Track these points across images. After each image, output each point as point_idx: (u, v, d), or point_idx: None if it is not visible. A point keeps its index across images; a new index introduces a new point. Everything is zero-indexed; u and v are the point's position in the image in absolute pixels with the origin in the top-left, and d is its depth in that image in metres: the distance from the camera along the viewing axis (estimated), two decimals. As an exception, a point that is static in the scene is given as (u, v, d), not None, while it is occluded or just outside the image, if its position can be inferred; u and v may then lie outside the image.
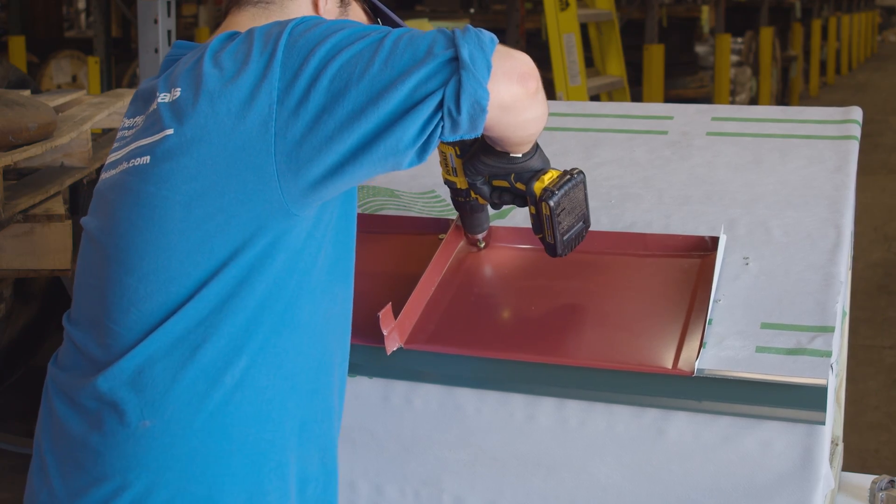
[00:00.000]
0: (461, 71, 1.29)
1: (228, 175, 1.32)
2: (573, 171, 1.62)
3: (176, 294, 1.35)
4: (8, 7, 7.69)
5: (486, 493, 1.64)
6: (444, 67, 1.30)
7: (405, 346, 1.64)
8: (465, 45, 1.31)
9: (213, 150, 1.33)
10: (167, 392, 1.34)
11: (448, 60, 1.30)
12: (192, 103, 1.34)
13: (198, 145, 1.33)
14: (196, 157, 1.33)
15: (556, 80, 5.83)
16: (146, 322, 1.36)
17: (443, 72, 1.30)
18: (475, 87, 1.30)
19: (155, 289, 1.35)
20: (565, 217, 1.62)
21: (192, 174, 1.33)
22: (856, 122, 2.09)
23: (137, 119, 1.46)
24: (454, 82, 1.30)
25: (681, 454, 1.53)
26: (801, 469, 1.48)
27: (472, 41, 1.32)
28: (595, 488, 1.57)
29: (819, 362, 1.51)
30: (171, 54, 1.51)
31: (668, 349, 1.58)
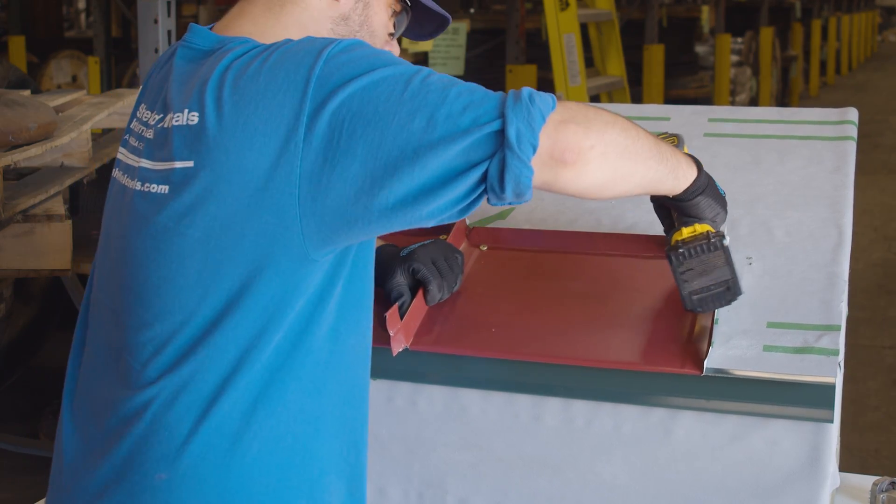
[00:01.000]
0: (506, 150, 1.23)
1: (249, 216, 1.27)
2: (715, 235, 1.54)
3: (190, 336, 1.31)
4: (8, 7, 7.69)
5: (491, 495, 1.64)
6: (488, 140, 1.24)
7: (411, 348, 1.64)
8: (513, 120, 1.24)
9: (235, 189, 1.27)
10: (183, 444, 1.30)
11: (494, 133, 1.24)
12: (214, 136, 1.28)
13: (219, 183, 1.27)
14: (217, 195, 1.28)
15: (556, 81, 5.83)
16: (162, 363, 1.32)
17: (487, 145, 1.24)
18: (519, 167, 1.23)
19: (171, 328, 1.31)
20: (694, 277, 1.56)
21: (212, 212, 1.28)
22: (852, 122, 2.10)
23: (154, 117, 1.38)
24: (498, 160, 1.24)
25: (688, 454, 1.53)
26: (808, 467, 1.48)
27: (521, 116, 1.24)
28: (602, 489, 1.57)
29: (826, 361, 1.51)
30: (187, 41, 1.42)
31: (676, 349, 1.58)
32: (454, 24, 5.93)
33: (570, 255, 1.83)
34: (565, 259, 1.83)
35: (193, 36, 1.42)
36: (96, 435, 1.36)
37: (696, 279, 1.56)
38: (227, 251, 1.28)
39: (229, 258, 1.28)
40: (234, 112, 1.27)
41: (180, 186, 1.30)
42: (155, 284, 1.32)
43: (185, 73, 1.37)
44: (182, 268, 1.30)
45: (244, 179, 1.26)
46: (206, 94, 1.30)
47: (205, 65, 1.35)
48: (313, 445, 1.36)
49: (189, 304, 1.30)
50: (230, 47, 1.35)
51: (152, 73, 1.48)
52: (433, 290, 1.65)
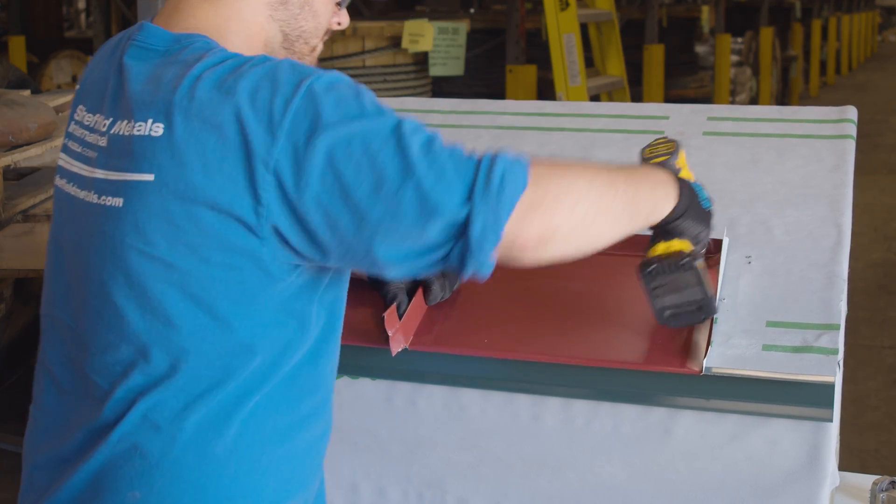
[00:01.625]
0: (468, 244, 1.22)
1: (211, 237, 1.23)
2: (688, 255, 1.52)
3: (160, 363, 1.27)
4: (8, 7, 7.69)
5: (490, 495, 1.64)
6: (451, 228, 1.22)
7: (410, 348, 1.64)
8: (479, 212, 1.21)
9: (200, 210, 1.23)
10: (157, 462, 1.27)
11: (458, 224, 1.22)
12: (178, 150, 1.23)
13: (182, 202, 1.22)
14: (180, 214, 1.23)
15: (556, 80, 5.83)
16: (132, 384, 1.28)
17: (449, 232, 1.22)
18: (480, 262, 1.23)
19: (139, 351, 1.27)
20: (665, 294, 1.54)
21: (174, 234, 1.23)
22: (851, 121, 2.10)
23: (103, 122, 1.32)
24: (459, 250, 1.23)
25: (688, 453, 1.53)
26: (808, 467, 1.48)
27: (488, 207, 1.21)
28: (601, 488, 1.57)
29: (826, 360, 1.51)
30: (139, 40, 1.34)
31: (675, 348, 1.58)
32: (454, 24, 5.92)
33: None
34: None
35: (146, 35, 1.35)
36: (64, 453, 1.33)
37: (667, 295, 1.54)
38: (194, 276, 1.24)
39: (198, 282, 1.25)
40: (198, 128, 1.23)
41: (138, 201, 1.25)
42: (119, 305, 1.27)
43: (142, 75, 1.30)
44: (145, 289, 1.25)
45: (208, 202, 1.22)
46: (173, 104, 1.24)
47: (166, 68, 1.29)
48: (286, 467, 1.34)
49: (157, 326, 1.26)
50: (194, 50, 1.30)
51: (89, 73, 1.42)
52: (435, 289, 1.65)
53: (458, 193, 1.22)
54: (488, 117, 2.30)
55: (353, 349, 1.64)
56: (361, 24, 5.73)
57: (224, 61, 1.27)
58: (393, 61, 5.79)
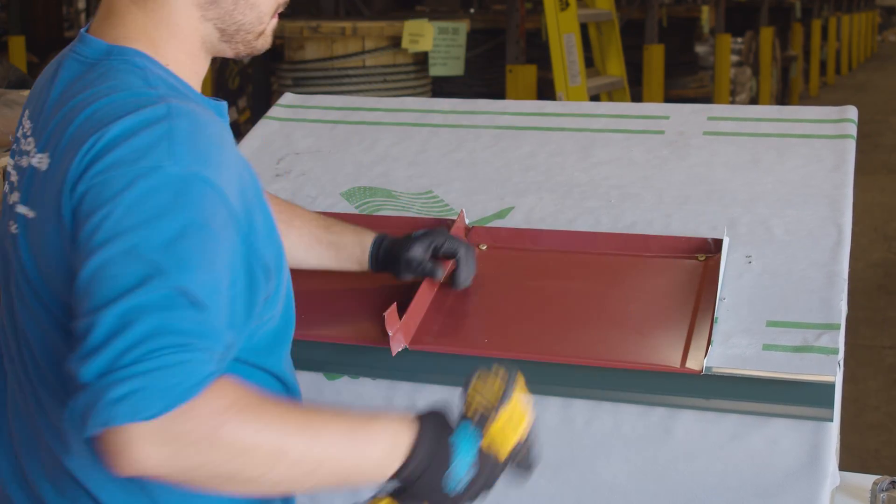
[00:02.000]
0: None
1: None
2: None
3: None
4: (8, 7, 7.69)
5: (490, 495, 1.63)
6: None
7: (410, 347, 1.63)
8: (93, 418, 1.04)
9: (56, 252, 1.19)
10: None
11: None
12: (47, 186, 1.19)
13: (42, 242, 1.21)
14: (48, 255, 1.20)
15: (556, 80, 5.82)
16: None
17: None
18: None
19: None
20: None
21: (49, 272, 1.20)
22: (851, 121, 2.10)
23: (29, 143, 1.27)
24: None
25: (688, 453, 1.53)
26: (808, 466, 1.48)
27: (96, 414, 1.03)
28: (601, 488, 1.57)
29: (826, 359, 1.51)
30: (76, 50, 1.29)
31: (675, 348, 1.58)
32: (454, 24, 5.92)
33: (570, 255, 1.83)
34: (565, 258, 1.83)
35: (82, 45, 1.29)
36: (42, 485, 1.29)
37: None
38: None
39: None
40: (56, 163, 1.20)
41: (26, 234, 1.23)
42: (50, 352, 1.23)
43: (60, 93, 1.26)
44: (48, 324, 1.23)
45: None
46: (55, 133, 1.21)
47: (80, 89, 1.23)
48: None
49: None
50: (112, 76, 1.23)
51: (40, 80, 1.35)
52: (468, 266, 1.67)
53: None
54: (488, 117, 2.30)
55: (353, 349, 1.64)
56: (361, 24, 5.73)
57: (91, 94, 1.20)
58: (393, 61, 5.79)
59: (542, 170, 2.09)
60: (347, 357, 1.64)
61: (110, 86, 1.21)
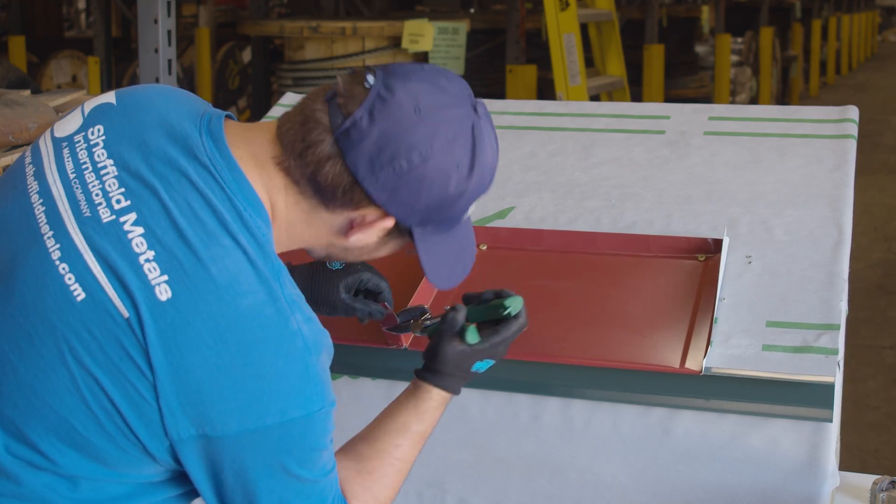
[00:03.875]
0: None
1: None
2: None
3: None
4: (8, 7, 7.68)
5: (490, 494, 1.64)
6: None
7: (409, 347, 1.63)
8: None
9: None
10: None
11: None
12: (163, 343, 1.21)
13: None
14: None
15: (556, 80, 5.82)
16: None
17: None
18: None
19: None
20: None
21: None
22: (852, 121, 2.10)
23: (113, 183, 1.24)
24: None
25: (687, 453, 1.53)
26: (808, 467, 1.48)
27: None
28: (601, 488, 1.57)
29: (826, 360, 1.51)
30: (212, 158, 1.25)
31: (675, 348, 1.58)
32: (454, 24, 5.92)
33: (571, 255, 1.83)
34: (565, 259, 1.83)
35: (216, 157, 1.26)
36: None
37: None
38: None
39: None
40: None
41: (97, 315, 1.22)
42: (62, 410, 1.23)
43: (188, 207, 1.23)
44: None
45: None
46: (181, 302, 1.19)
47: (215, 229, 1.22)
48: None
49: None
50: (244, 234, 1.23)
51: (134, 110, 1.30)
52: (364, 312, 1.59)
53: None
54: (488, 117, 2.30)
55: (354, 349, 1.64)
56: (361, 24, 5.73)
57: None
58: (393, 61, 5.78)
59: (542, 170, 2.09)
60: (347, 357, 1.64)
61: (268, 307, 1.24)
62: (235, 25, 7.55)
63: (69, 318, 1.19)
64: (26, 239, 1.24)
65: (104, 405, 1.19)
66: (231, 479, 1.22)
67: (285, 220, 1.29)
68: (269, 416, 1.20)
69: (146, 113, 1.30)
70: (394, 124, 1.23)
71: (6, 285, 1.23)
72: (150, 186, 1.23)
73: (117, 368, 1.18)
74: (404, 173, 1.24)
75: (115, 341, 1.18)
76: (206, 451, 1.20)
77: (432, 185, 1.26)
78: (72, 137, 1.29)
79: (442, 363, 1.40)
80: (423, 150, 1.24)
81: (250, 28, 6.24)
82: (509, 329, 1.43)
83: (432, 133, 1.25)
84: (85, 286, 1.20)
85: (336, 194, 1.26)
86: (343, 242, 1.32)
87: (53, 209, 1.24)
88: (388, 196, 1.25)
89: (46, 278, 1.21)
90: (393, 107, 1.24)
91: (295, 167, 1.26)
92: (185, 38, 8.21)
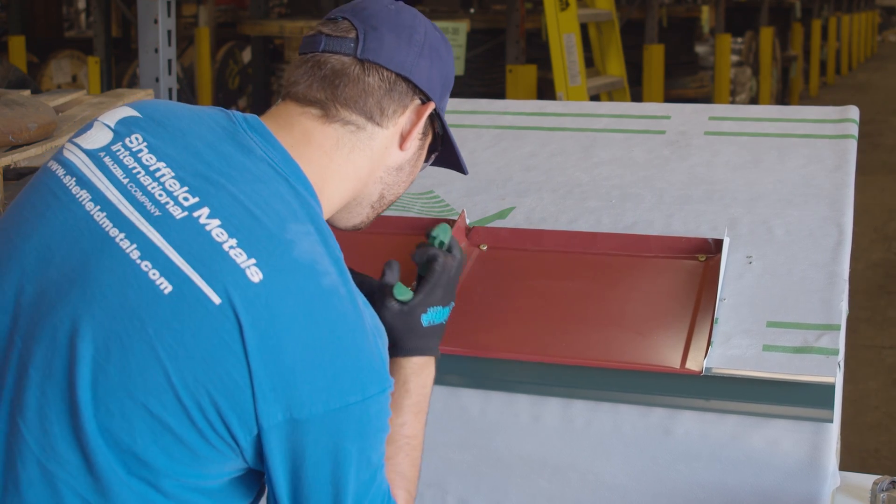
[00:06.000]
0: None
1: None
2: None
3: None
4: (8, 7, 7.68)
5: (490, 495, 1.64)
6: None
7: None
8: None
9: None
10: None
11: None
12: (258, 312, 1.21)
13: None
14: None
15: (556, 80, 5.82)
16: None
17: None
18: None
19: None
20: None
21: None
22: (853, 121, 2.10)
23: (174, 184, 1.25)
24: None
25: (688, 453, 1.53)
26: (808, 467, 1.48)
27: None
28: (601, 488, 1.57)
29: (826, 360, 1.51)
30: (258, 140, 1.31)
31: (675, 348, 1.58)
32: (454, 24, 5.92)
33: (571, 255, 1.83)
34: (566, 259, 1.83)
35: (265, 141, 1.32)
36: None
37: None
38: None
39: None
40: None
41: (186, 304, 1.22)
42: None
43: (252, 187, 1.26)
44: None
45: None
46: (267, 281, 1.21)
47: (276, 198, 1.26)
48: None
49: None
50: (301, 206, 1.27)
51: (176, 119, 1.33)
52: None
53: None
54: (489, 117, 2.30)
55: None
56: (361, 23, 5.71)
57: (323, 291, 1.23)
58: (393, 61, 5.77)
59: (543, 170, 2.09)
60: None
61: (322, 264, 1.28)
62: (235, 25, 7.56)
63: (158, 311, 1.19)
64: (94, 244, 1.23)
65: (198, 398, 1.19)
66: (311, 471, 1.22)
67: (349, 172, 1.37)
68: (352, 393, 1.21)
69: (178, 119, 1.33)
70: (387, 17, 1.38)
71: (84, 290, 1.22)
72: (213, 182, 1.25)
73: (211, 356, 1.18)
74: (423, 44, 1.39)
75: (207, 329, 1.18)
76: (290, 440, 1.21)
77: (440, 52, 1.42)
78: (108, 147, 1.30)
79: (390, 331, 1.41)
80: (418, 25, 1.41)
81: (250, 28, 6.24)
82: (440, 270, 1.46)
83: (412, 13, 1.42)
84: (171, 279, 1.20)
85: (388, 96, 1.37)
86: (397, 159, 1.41)
87: (117, 213, 1.24)
88: (422, 70, 1.39)
89: (129, 277, 1.21)
90: (376, 8, 1.39)
91: (342, 108, 1.35)
92: (185, 38, 8.21)
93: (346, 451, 1.22)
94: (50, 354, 1.21)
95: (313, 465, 1.22)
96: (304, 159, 1.33)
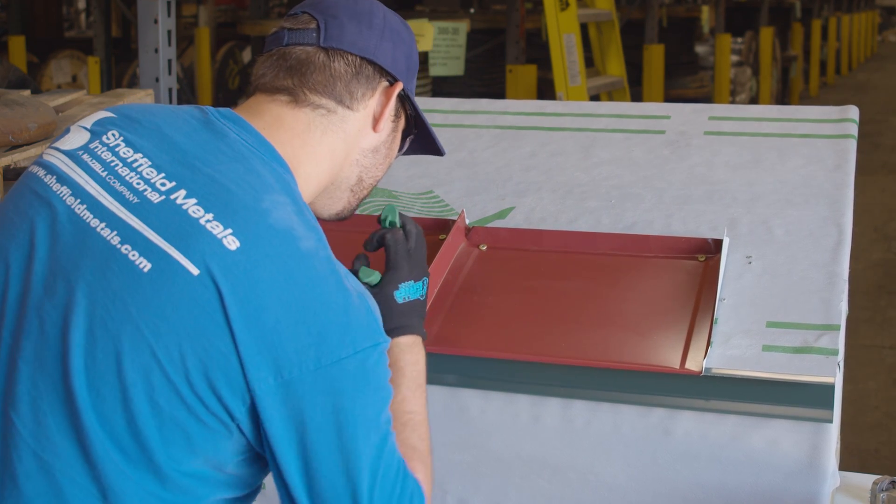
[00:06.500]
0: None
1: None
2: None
3: None
4: (8, 7, 7.68)
5: (490, 495, 1.64)
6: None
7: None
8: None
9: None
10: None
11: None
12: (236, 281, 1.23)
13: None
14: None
15: (556, 80, 5.82)
16: None
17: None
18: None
19: None
20: None
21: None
22: (853, 120, 2.09)
23: (150, 172, 1.28)
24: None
25: (687, 454, 1.53)
26: (808, 467, 1.48)
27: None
28: (601, 489, 1.57)
29: (826, 360, 1.51)
30: (224, 120, 1.35)
31: (675, 349, 1.58)
32: (454, 24, 5.92)
33: (571, 255, 1.83)
34: (565, 259, 1.83)
35: (234, 122, 1.35)
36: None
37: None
38: None
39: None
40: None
41: (166, 280, 1.24)
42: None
43: (225, 166, 1.29)
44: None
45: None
46: (247, 243, 1.23)
47: (248, 174, 1.28)
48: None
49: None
50: (275, 179, 1.30)
51: (147, 114, 1.37)
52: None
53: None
54: (489, 117, 2.30)
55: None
56: (361, 23, 5.71)
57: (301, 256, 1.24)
58: (393, 61, 5.77)
59: (542, 170, 2.09)
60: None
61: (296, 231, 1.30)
62: (235, 25, 7.55)
63: (139, 290, 1.21)
64: (77, 237, 1.26)
65: (187, 373, 1.19)
66: (315, 437, 1.21)
67: (323, 154, 1.39)
68: (342, 348, 1.22)
69: (153, 115, 1.36)
70: (345, 6, 1.42)
71: (69, 282, 1.24)
72: (189, 166, 1.28)
73: (194, 328, 1.19)
74: (384, 28, 1.43)
75: (188, 300, 1.19)
76: (288, 406, 1.20)
77: (401, 35, 1.46)
78: (87, 146, 1.33)
79: None
80: (375, 10, 1.44)
81: (250, 28, 6.24)
82: (393, 245, 1.49)
83: (369, 0, 1.46)
84: (150, 257, 1.22)
85: (356, 80, 1.40)
86: (372, 141, 1.44)
87: (97, 205, 1.27)
88: (386, 52, 1.42)
89: (110, 262, 1.23)
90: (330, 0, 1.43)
91: (310, 93, 1.38)
92: (185, 38, 8.21)
93: (346, 409, 1.21)
94: (40, 347, 1.23)
95: (316, 430, 1.21)
96: (277, 141, 1.36)
